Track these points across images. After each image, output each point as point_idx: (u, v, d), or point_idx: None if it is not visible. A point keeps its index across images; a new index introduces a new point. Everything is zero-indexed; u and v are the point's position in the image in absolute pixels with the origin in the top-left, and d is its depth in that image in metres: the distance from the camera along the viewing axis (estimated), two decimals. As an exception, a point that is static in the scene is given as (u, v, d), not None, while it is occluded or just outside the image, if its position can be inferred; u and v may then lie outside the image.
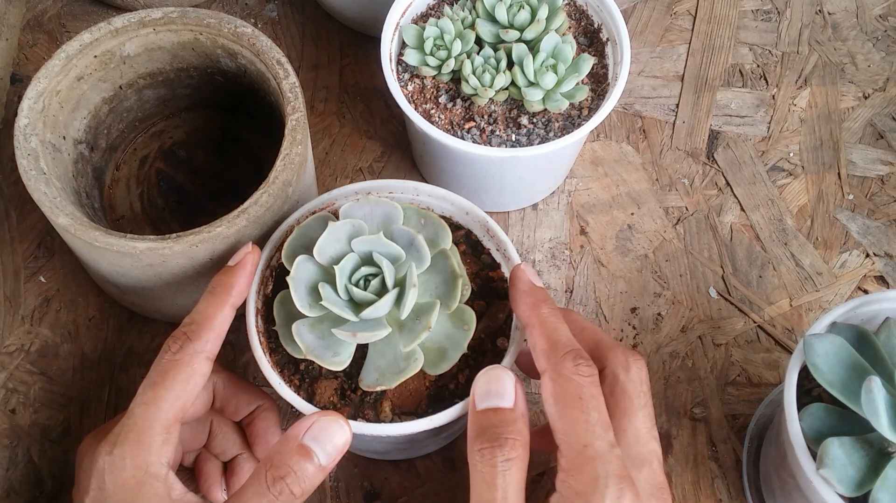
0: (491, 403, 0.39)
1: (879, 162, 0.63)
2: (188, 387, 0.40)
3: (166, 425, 0.39)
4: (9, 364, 0.54)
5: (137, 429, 0.39)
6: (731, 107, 0.66)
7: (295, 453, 0.38)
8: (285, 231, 0.46)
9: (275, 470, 0.38)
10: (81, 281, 0.57)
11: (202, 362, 0.41)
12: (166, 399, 0.39)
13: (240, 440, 0.48)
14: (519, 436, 0.37)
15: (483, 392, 0.39)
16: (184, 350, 0.40)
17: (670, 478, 0.52)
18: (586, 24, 0.57)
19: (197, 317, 0.42)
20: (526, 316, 0.41)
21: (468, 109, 0.54)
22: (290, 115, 0.47)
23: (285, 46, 0.67)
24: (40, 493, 0.51)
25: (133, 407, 0.40)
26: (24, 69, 0.65)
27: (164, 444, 0.39)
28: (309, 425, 0.39)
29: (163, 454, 0.39)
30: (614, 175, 0.62)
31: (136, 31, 0.50)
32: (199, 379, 0.41)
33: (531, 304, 0.41)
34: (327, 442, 0.39)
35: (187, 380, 0.40)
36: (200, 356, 0.41)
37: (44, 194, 0.45)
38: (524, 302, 0.41)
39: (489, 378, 0.40)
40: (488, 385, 0.39)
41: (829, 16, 0.70)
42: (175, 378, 0.40)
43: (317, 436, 0.39)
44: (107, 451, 0.39)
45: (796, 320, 0.57)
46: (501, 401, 0.39)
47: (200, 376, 0.41)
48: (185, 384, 0.40)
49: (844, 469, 0.40)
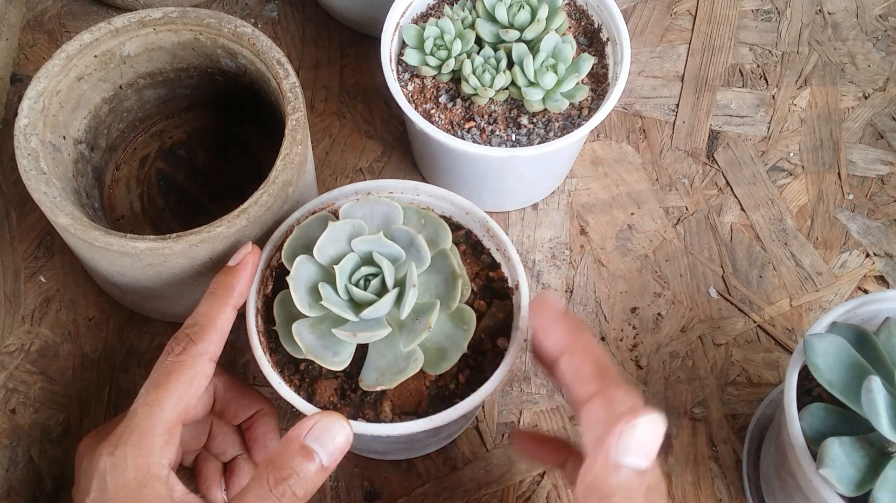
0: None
1: (879, 162, 0.63)
2: (191, 388, 0.40)
3: (168, 427, 0.39)
4: (9, 364, 0.54)
5: (140, 431, 0.39)
6: (731, 107, 0.66)
7: (297, 454, 0.38)
8: (285, 231, 0.46)
9: (277, 471, 0.37)
10: (81, 281, 0.57)
11: (205, 364, 0.41)
12: (169, 400, 0.39)
13: (239, 441, 0.48)
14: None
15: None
16: (187, 352, 0.40)
17: (670, 478, 0.52)
18: (586, 24, 0.57)
19: (199, 319, 0.42)
20: (568, 340, 0.38)
21: (468, 109, 0.54)
22: (290, 115, 0.47)
23: (285, 46, 0.67)
24: (40, 493, 0.51)
25: (135, 408, 0.40)
26: (24, 69, 0.65)
27: (165, 446, 0.39)
28: (310, 426, 0.38)
29: (164, 455, 0.39)
30: (614, 175, 0.62)
31: (136, 31, 0.50)
32: (201, 380, 0.41)
33: (573, 328, 0.39)
34: (329, 442, 0.38)
35: (190, 382, 0.40)
36: (203, 357, 0.41)
37: (44, 194, 0.45)
38: (564, 326, 0.39)
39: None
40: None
41: (829, 16, 0.70)
42: (178, 379, 0.40)
43: (318, 437, 0.38)
44: (108, 452, 0.39)
45: (796, 320, 0.57)
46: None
47: (203, 378, 0.41)
48: (188, 386, 0.40)
49: (844, 469, 0.40)
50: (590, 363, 0.37)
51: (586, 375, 0.37)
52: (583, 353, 0.38)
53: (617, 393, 0.36)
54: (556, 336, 0.39)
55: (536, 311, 0.40)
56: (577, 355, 0.38)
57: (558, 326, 0.39)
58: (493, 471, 0.52)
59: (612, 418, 0.35)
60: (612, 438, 0.34)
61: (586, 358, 0.37)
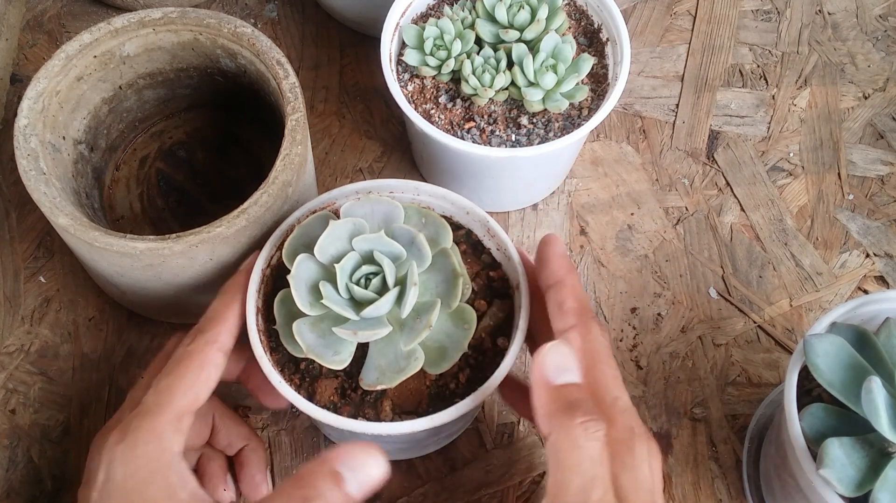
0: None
1: (879, 162, 0.63)
2: (201, 375, 0.40)
3: (179, 414, 0.39)
4: (9, 364, 0.54)
5: (150, 417, 0.39)
6: (731, 107, 0.66)
7: (327, 477, 0.37)
8: (286, 230, 0.46)
9: (304, 490, 0.36)
10: (81, 281, 0.57)
11: (215, 353, 0.41)
12: (179, 387, 0.40)
13: (244, 431, 0.48)
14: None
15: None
16: (196, 342, 0.41)
17: (670, 478, 0.52)
18: (586, 24, 0.57)
19: (209, 314, 0.43)
20: (561, 274, 0.42)
21: (468, 109, 0.54)
22: (289, 115, 0.47)
23: (285, 46, 0.67)
24: (40, 494, 0.51)
25: (146, 398, 0.40)
26: (24, 69, 0.65)
27: (176, 433, 0.39)
28: (345, 453, 0.37)
29: (175, 442, 0.39)
30: (614, 175, 0.62)
31: (135, 31, 0.50)
32: (212, 370, 0.41)
33: (567, 267, 0.42)
34: (361, 472, 0.37)
35: (200, 369, 0.40)
36: (213, 346, 0.41)
37: (44, 194, 0.45)
38: (560, 264, 0.42)
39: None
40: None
41: (829, 16, 0.70)
42: (188, 367, 0.40)
43: (352, 465, 0.37)
44: (117, 440, 0.38)
45: (796, 320, 0.57)
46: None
47: (214, 367, 0.41)
48: (199, 373, 0.40)
49: (844, 469, 0.40)
50: (574, 299, 0.41)
51: (569, 309, 0.40)
52: (570, 290, 0.41)
53: (594, 327, 0.39)
54: (554, 267, 0.42)
55: (545, 242, 0.43)
56: (565, 290, 0.41)
57: (558, 260, 0.42)
58: (493, 471, 0.52)
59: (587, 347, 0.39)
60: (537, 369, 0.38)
61: (572, 293, 0.41)
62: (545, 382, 0.38)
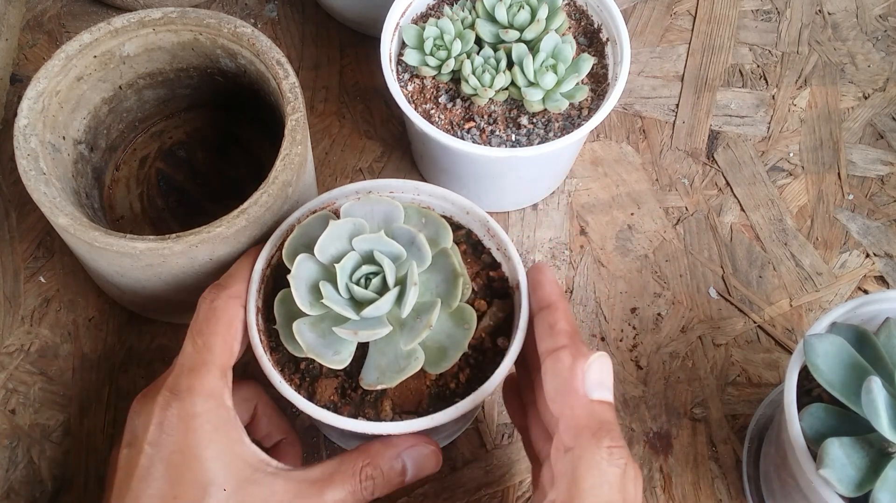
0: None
1: (879, 162, 0.63)
2: (231, 330, 0.42)
3: (223, 369, 0.41)
4: (9, 364, 0.54)
5: (200, 375, 0.40)
6: (731, 107, 0.66)
7: (394, 460, 0.41)
8: (286, 230, 0.46)
9: (370, 466, 0.41)
10: (81, 281, 0.57)
11: (238, 307, 0.43)
12: (217, 344, 0.41)
13: (285, 425, 0.48)
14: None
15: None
16: (220, 296, 0.42)
17: (670, 478, 0.52)
18: (586, 24, 0.57)
19: (231, 272, 0.44)
20: (553, 298, 0.42)
21: (468, 109, 0.54)
22: (289, 115, 0.47)
23: (285, 46, 0.67)
24: (40, 494, 0.51)
25: (185, 358, 0.41)
26: (24, 69, 0.65)
27: (226, 388, 0.40)
28: (413, 444, 0.42)
29: (228, 397, 0.40)
30: (614, 175, 0.62)
31: (135, 31, 0.50)
32: (237, 324, 0.42)
33: (559, 293, 0.42)
34: (420, 465, 0.42)
35: (230, 324, 0.42)
36: (236, 301, 0.43)
37: (43, 194, 0.45)
38: (552, 289, 0.42)
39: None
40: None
41: (829, 16, 0.70)
42: (218, 323, 0.42)
43: (415, 457, 0.42)
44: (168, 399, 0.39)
45: (796, 320, 0.57)
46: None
47: (238, 321, 0.42)
48: (229, 327, 0.42)
49: (844, 469, 0.40)
50: (566, 321, 0.41)
51: (561, 330, 0.40)
52: (562, 313, 0.41)
53: (583, 348, 0.39)
54: (546, 291, 0.43)
55: (536, 269, 0.44)
56: (558, 312, 0.41)
57: (550, 286, 0.43)
58: (493, 471, 0.52)
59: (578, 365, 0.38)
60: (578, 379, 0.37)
61: (564, 316, 0.41)
62: (583, 393, 0.37)
